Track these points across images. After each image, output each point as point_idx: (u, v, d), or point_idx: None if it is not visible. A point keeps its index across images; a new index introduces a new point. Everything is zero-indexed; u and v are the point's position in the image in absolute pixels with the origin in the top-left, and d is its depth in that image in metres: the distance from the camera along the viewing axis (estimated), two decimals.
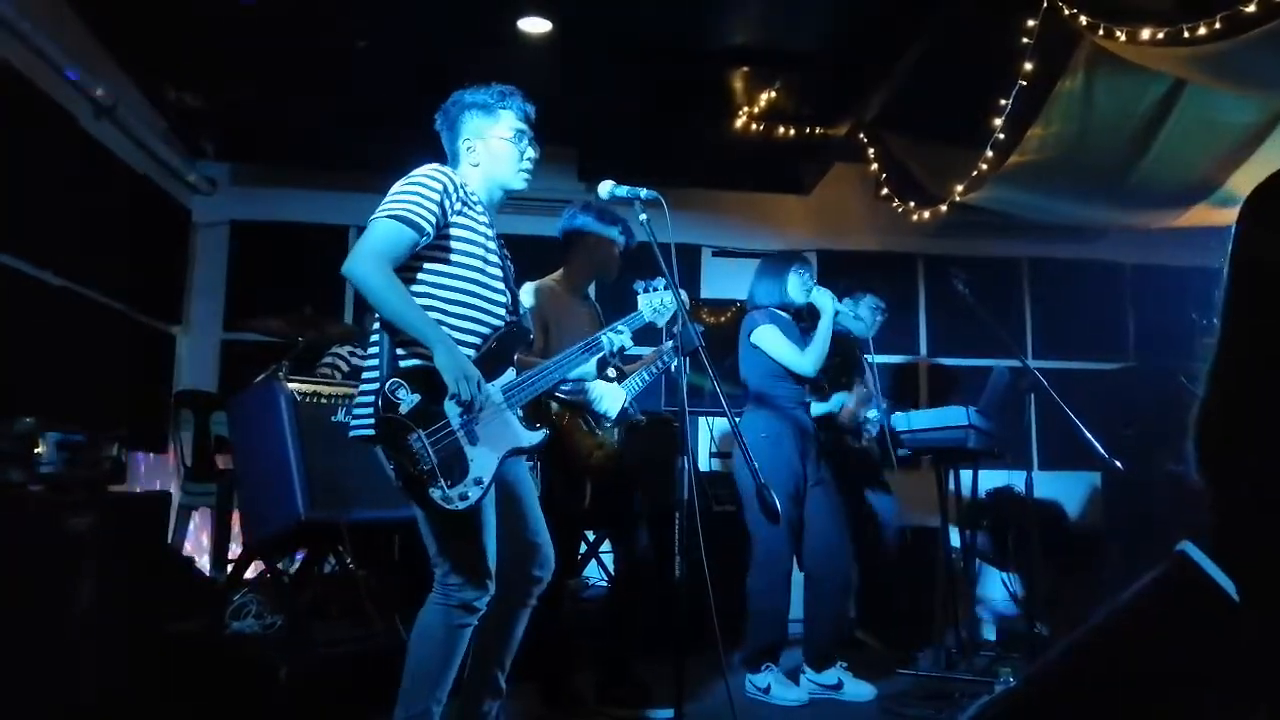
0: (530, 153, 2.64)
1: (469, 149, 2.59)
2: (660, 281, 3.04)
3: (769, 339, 3.94)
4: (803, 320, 4.16)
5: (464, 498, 2.27)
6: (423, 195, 2.37)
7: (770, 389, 3.96)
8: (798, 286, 4.04)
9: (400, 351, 2.36)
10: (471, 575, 2.37)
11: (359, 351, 4.59)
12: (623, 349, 2.96)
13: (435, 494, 2.23)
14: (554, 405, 3.32)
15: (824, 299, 4.00)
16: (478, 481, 2.30)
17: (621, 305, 3.15)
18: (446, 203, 2.41)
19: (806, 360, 3.90)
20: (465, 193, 2.50)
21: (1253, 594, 1.16)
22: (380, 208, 2.37)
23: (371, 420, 2.29)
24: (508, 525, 2.53)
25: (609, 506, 3.52)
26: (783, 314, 4.06)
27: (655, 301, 3.06)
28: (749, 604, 3.85)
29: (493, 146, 2.59)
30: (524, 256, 2.84)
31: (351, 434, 2.40)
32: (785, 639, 3.89)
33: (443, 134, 2.64)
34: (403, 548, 4.32)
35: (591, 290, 3.78)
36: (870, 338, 4.68)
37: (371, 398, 2.32)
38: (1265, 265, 1.28)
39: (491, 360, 2.45)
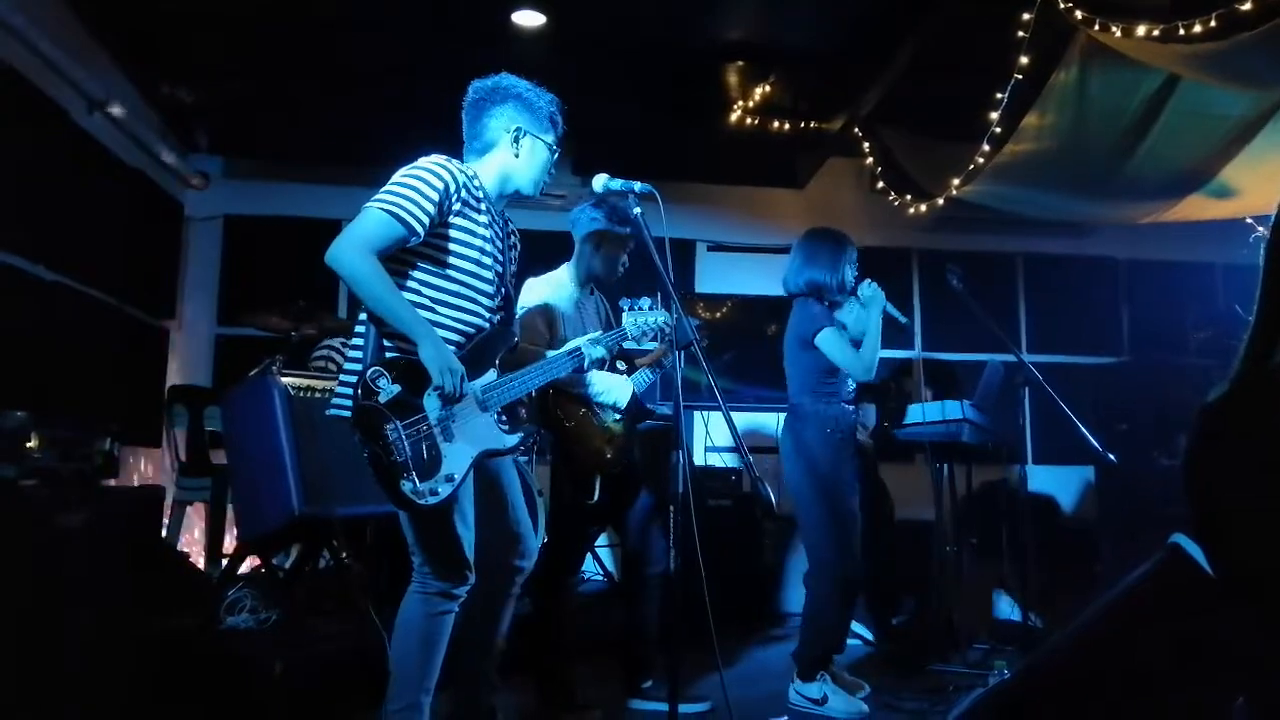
0: (552, 168, 2.65)
1: (516, 139, 2.54)
2: (645, 301, 3.02)
3: (832, 342, 3.68)
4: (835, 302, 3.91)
5: (433, 493, 2.25)
6: (421, 193, 2.32)
7: (828, 386, 3.74)
8: (850, 278, 3.80)
9: (386, 343, 2.34)
10: (446, 566, 2.37)
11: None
12: (599, 362, 2.97)
13: (405, 487, 2.22)
14: (553, 402, 3.31)
15: (874, 294, 3.75)
16: (449, 478, 2.29)
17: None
18: (446, 202, 2.36)
19: (863, 366, 3.66)
20: (470, 189, 2.45)
21: (1245, 577, 1.16)
22: (377, 195, 2.32)
23: (348, 402, 2.29)
24: (489, 515, 2.52)
25: (617, 502, 3.52)
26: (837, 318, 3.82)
27: (640, 320, 3.04)
28: (809, 611, 3.66)
29: (537, 148, 2.57)
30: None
31: (329, 412, 2.38)
32: (839, 646, 3.72)
33: (479, 110, 2.56)
34: (396, 542, 4.31)
35: None
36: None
37: (351, 379, 2.32)
38: None
39: (473, 360, 2.43)
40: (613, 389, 3.32)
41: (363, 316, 2.39)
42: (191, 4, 4.62)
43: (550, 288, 3.42)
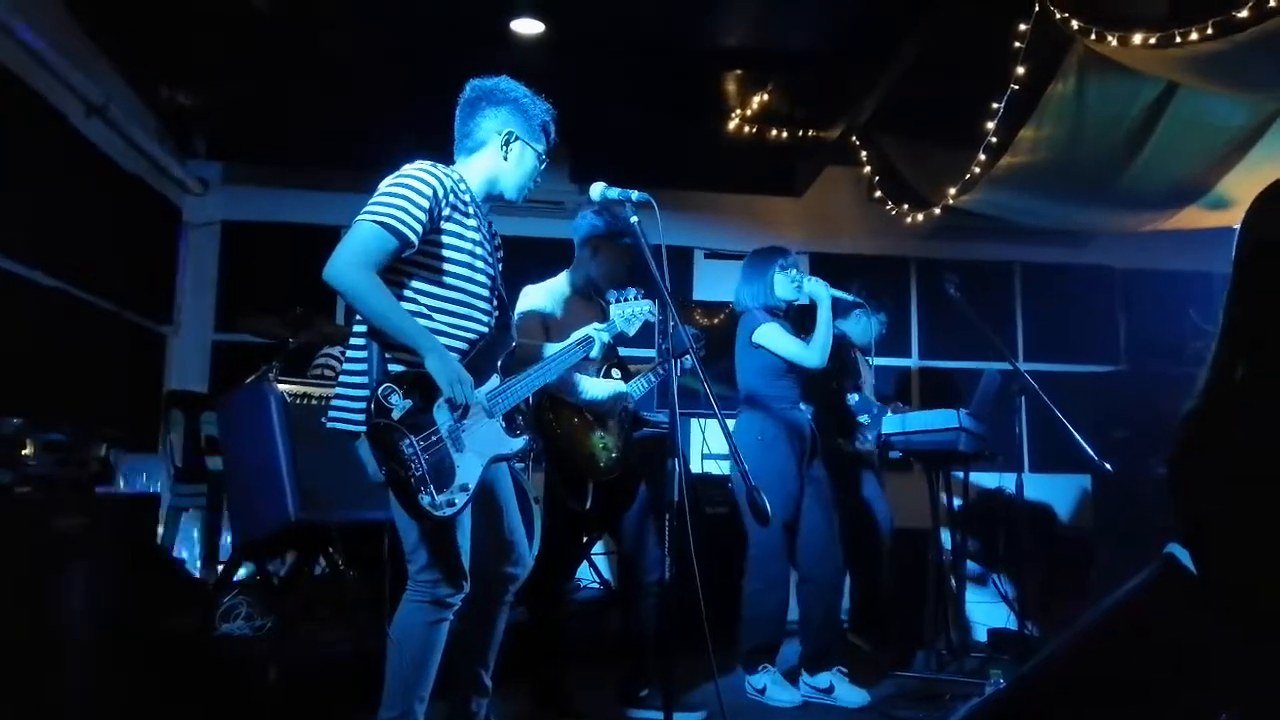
0: (538, 177, 2.65)
1: (507, 142, 2.54)
2: (632, 291, 3.08)
3: (772, 336, 3.87)
4: (791, 316, 4.08)
5: (451, 504, 2.26)
6: (411, 201, 2.31)
7: (766, 389, 3.91)
8: (785, 285, 3.95)
9: (389, 356, 2.32)
10: (446, 574, 2.37)
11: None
12: (608, 345, 2.99)
13: (424, 500, 2.22)
14: (548, 409, 3.31)
15: (818, 289, 3.90)
16: (463, 488, 2.30)
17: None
18: (436, 209, 2.36)
19: (813, 353, 3.83)
20: (458, 193, 2.45)
21: (1223, 587, 1.17)
22: (367, 207, 2.31)
23: (353, 416, 2.29)
24: (483, 523, 2.52)
25: (611, 509, 3.52)
26: (778, 316, 3.99)
27: (627, 311, 3.08)
28: (744, 606, 3.84)
29: (526, 155, 2.57)
30: (515, 257, 2.84)
31: (330, 425, 2.37)
32: (780, 640, 3.88)
33: (474, 108, 2.56)
34: (392, 549, 4.31)
35: None
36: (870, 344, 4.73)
37: (353, 392, 2.32)
38: (1269, 262, 1.28)
39: (475, 367, 2.42)
40: (588, 386, 3.34)
41: (361, 329, 2.38)
42: (191, 6, 4.62)
43: (548, 293, 3.42)
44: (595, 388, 3.33)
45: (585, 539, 4.99)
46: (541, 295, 3.39)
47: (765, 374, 3.92)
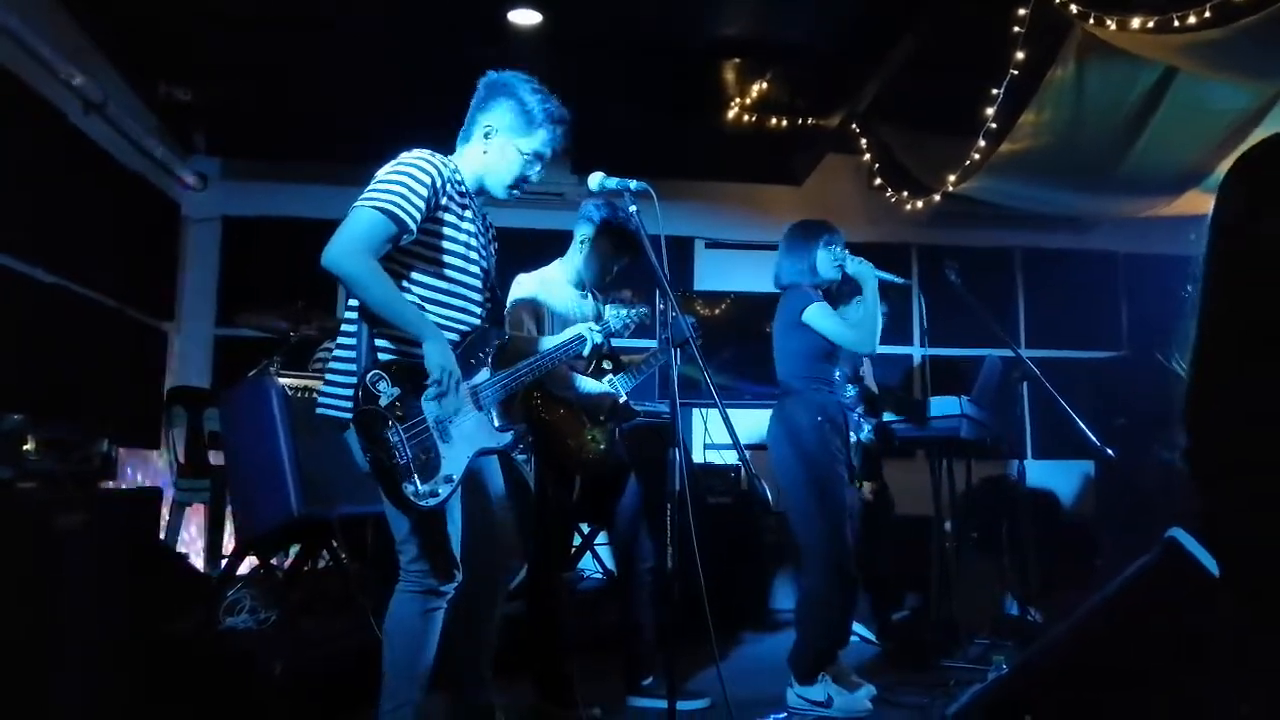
0: (533, 178, 2.58)
1: (488, 135, 2.50)
2: (628, 293, 3.10)
3: (821, 317, 3.58)
4: (830, 295, 3.85)
5: (434, 495, 2.25)
6: (410, 188, 2.29)
7: (806, 371, 3.63)
8: (828, 262, 3.70)
9: (379, 343, 2.31)
10: (436, 564, 2.37)
11: None
12: (599, 346, 3.00)
13: (408, 489, 2.22)
14: (536, 401, 3.31)
15: (863, 269, 3.68)
16: (448, 479, 2.29)
17: None
18: (433, 197, 2.34)
19: (865, 338, 3.56)
20: (454, 183, 2.44)
21: (1237, 578, 1.16)
22: (365, 193, 2.29)
23: (341, 403, 2.29)
24: (474, 514, 2.51)
25: (601, 501, 3.52)
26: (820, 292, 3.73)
27: (621, 314, 3.09)
28: (801, 604, 3.60)
29: (507, 151, 2.50)
30: (515, 249, 2.83)
31: (319, 411, 2.36)
32: (841, 643, 3.62)
33: (475, 100, 2.54)
34: (378, 540, 4.32)
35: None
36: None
37: (341, 379, 2.32)
38: (1248, 236, 1.27)
39: (466, 358, 2.43)
40: (589, 382, 3.35)
41: (351, 315, 2.36)
42: (190, 4, 4.61)
43: (540, 283, 3.42)
44: (585, 383, 3.34)
45: (587, 530, 5.01)
46: (533, 285, 3.39)
47: (808, 356, 3.63)
